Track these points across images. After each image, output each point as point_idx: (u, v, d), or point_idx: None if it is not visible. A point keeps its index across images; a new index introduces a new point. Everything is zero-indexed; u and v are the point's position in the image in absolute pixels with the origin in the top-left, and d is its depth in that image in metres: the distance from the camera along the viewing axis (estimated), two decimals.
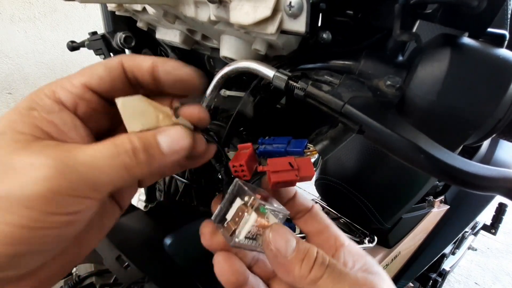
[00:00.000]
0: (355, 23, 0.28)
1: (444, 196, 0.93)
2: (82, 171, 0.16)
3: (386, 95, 0.24)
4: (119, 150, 0.17)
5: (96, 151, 0.16)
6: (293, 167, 0.25)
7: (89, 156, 0.16)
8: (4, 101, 1.67)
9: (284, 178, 0.25)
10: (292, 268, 0.21)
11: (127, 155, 0.17)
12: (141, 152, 0.17)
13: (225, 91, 0.40)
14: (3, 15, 1.56)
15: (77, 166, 0.16)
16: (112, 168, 0.16)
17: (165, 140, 0.19)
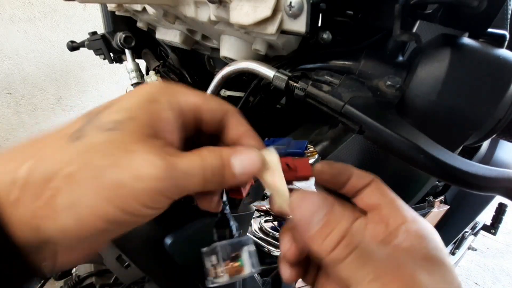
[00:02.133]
0: (355, 23, 0.28)
1: (444, 196, 0.93)
2: (180, 178, 0.18)
3: (386, 95, 0.24)
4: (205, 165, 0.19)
5: (191, 161, 0.19)
6: (290, 168, 0.25)
7: (187, 165, 0.19)
8: (4, 101, 1.67)
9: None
10: (315, 240, 0.20)
11: (210, 171, 0.19)
12: (219, 171, 0.20)
13: (225, 91, 0.40)
14: (3, 15, 1.56)
15: (178, 173, 0.18)
16: (198, 180, 0.19)
17: (239, 162, 0.20)
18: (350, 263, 0.18)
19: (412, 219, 0.21)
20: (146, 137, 0.18)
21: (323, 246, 0.19)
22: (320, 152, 0.30)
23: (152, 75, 0.45)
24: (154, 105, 0.19)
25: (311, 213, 0.20)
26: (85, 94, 1.96)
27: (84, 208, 0.16)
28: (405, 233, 0.20)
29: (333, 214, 0.20)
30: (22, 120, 1.74)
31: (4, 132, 1.70)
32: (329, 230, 0.19)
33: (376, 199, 0.22)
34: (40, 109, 1.79)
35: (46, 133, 0.19)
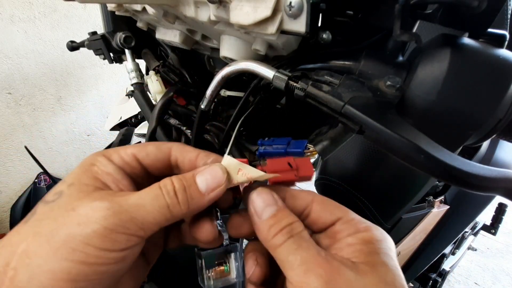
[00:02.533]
0: (355, 23, 0.28)
1: (444, 196, 0.93)
2: (132, 211, 0.19)
3: (386, 95, 0.24)
4: (163, 191, 0.20)
5: (143, 193, 0.20)
6: (292, 167, 0.25)
7: (138, 198, 0.20)
8: (4, 101, 1.67)
9: (283, 178, 0.25)
10: (262, 229, 0.22)
11: (169, 196, 0.20)
12: (181, 193, 0.21)
13: (225, 91, 0.40)
14: (3, 15, 1.56)
15: (128, 208, 0.19)
16: (156, 208, 0.20)
17: (202, 179, 0.22)
18: (284, 247, 0.21)
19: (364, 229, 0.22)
20: (90, 192, 0.19)
21: (267, 234, 0.21)
22: (320, 151, 0.30)
23: (152, 75, 0.45)
24: (92, 167, 0.21)
25: (264, 205, 0.22)
26: (85, 94, 1.96)
27: (43, 276, 0.16)
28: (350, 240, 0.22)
29: (281, 211, 0.22)
30: (22, 120, 1.74)
31: (4, 132, 1.70)
32: (274, 221, 0.22)
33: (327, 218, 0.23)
34: (40, 109, 1.79)
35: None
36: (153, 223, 0.20)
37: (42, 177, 1.85)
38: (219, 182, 0.22)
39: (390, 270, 0.20)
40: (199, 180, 0.22)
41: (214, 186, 0.22)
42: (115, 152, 0.23)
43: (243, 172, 0.24)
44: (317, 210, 0.24)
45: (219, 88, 0.30)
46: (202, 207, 0.22)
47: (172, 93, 0.38)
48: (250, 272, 0.24)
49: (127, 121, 1.63)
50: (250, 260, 0.24)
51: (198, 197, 0.21)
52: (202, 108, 0.32)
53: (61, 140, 1.93)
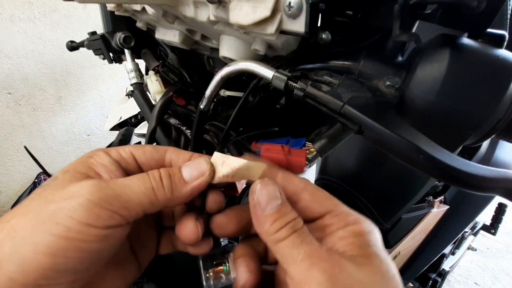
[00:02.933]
0: (355, 23, 0.28)
1: (443, 196, 0.93)
2: (117, 189, 0.20)
3: (386, 96, 0.24)
4: (149, 176, 0.22)
5: (130, 177, 0.21)
6: (283, 150, 0.25)
7: (125, 180, 0.21)
8: (4, 101, 1.67)
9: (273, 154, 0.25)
10: (264, 223, 0.22)
11: (155, 180, 0.21)
12: (166, 179, 0.22)
13: (224, 91, 0.40)
14: (3, 15, 1.55)
15: (113, 185, 0.20)
16: (141, 189, 0.21)
17: (187, 169, 0.23)
18: (287, 242, 0.20)
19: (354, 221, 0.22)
20: (82, 179, 0.20)
21: (270, 228, 0.21)
22: (318, 149, 0.30)
23: (152, 75, 0.45)
24: (89, 159, 0.22)
25: (269, 198, 0.22)
26: (85, 94, 1.96)
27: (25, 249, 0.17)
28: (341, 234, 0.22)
29: (285, 206, 0.22)
30: (22, 120, 1.74)
31: (4, 132, 1.70)
32: (278, 216, 0.21)
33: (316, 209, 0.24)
34: (40, 109, 1.79)
35: None
36: (137, 203, 0.20)
37: (42, 177, 1.85)
38: (202, 171, 0.23)
39: (383, 260, 0.20)
40: (184, 170, 0.23)
41: (197, 175, 0.23)
42: (114, 149, 0.24)
43: (227, 163, 0.24)
44: (307, 200, 0.24)
45: (219, 88, 0.30)
46: (186, 195, 0.23)
47: (171, 93, 0.38)
48: (242, 280, 0.23)
49: (127, 121, 1.63)
50: (241, 266, 0.24)
51: (182, 184, 0.22)
52: (202, 108, 0.32)
53: (61, 140, 1.93)
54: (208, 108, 0.32)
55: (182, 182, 0.23)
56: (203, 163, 0.23)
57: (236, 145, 0.36)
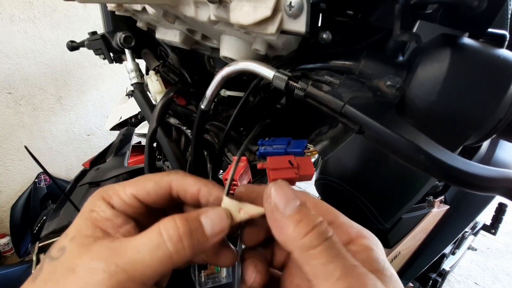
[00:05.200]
0: (355, 23, 0.28)
1: (444, 196, 0.93)
2: (129, 269, 0.18)
3: (386, 95, 0.24)
4: (164, 237, 0.19)
5: (142, 244, 0.19)
6: (292, 165, 0.25)
7: (136, 252, 0.18)
8: (4, 101, 1.67)
9: (284, 175, 0.24)
10: (286, 226, 0.19)
11: (172, 243, 0.19)
12: (186, 237, 0.19)
13: (225, 91, 0.40)
14: (3, 15, 1.55)
15: (124, 266, 0.18)
16: (156, 260, 0.18)
17: (208, 222, 0.20)
18: (319, 253, 0.18)
19: (356, 234, 0.21)
20: (90, 244, 0.19)
21: (295, 232, 0.19)
22: (320, 151, 0.30)
23: (152, 75, 0.45)
24: (92, 213, 0.21)
25: (287, 199, 0.20)
26: (85, 94, 1.96)
27: None
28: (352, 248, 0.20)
29: (305, 207, 0.20)
30: (22, 120, 1.74)
31: (4, 132, 1.70)
32: (301, 217, 0.19)
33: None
34: (40, 109, 1.79)
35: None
36: (154, 276, 0.19)
37: (42, 177, 1.85)
38: (224, 226, 0.21)
39: (395, 277, 0.20)
40: (205, 222, 0.20)
41: (219, 229, 0.21)
42: (115, 194, 0.22)
43: (244, 211, 0.23)
44: None
45: (219, 88, 0.30)
46: (205, 251, 0.21)
47: (172, 94, 0.38)
48: (250, 280, 0.22)
49: (127, 121, 1.63)
50: (250, 267, 0.23)
51: (204, 241, 0.20)
52: (202, 108, 0.32)
53: (61, 140, 1.93)
54: (209, 108, 0.32)
55: (205, 238, 0.20)
56: (224, 216, 0.21)
57: (237, 145, 0.36)
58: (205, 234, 0.20)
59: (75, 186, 0.89)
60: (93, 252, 0.19)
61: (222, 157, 0.38)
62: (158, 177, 0.23)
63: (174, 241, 0.19)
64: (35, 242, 0.58)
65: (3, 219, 1.79)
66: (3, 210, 1.79)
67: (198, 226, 0.20)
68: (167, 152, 0.42)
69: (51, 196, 1.83)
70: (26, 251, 1.73)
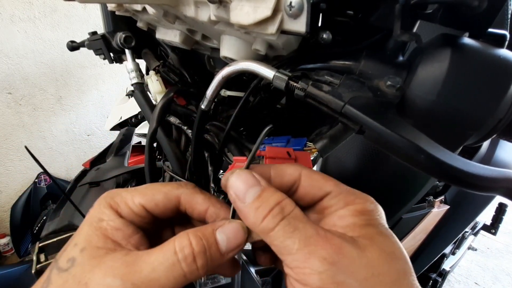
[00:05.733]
0: (355, 23, 0.28)
1: (444, 196, 0.93)
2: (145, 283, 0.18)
3: (387, 95, 0.24)
4: (179, 257, 0.19)
5: (156, 262, 0.18)
6: (290, 156, 0.25)
7: (151, 271, 0.18)
8: (4, 101, 1.67)
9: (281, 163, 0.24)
10: (248, 214, 0.20)
11: (186, 263, 0.19)
12: (200, 256, 0.19)
13: (225, 91, 0.40)
14: (3, 15, 1.56)
15: (141, 286, 0.18)
16: (171, 280, 0.18)
17: (223, 238, 0.20)
18: (278, 231, 0.19)
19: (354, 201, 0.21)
20: (102, 257, 0.19)
21: (255, 219, 0.19)
22: (320, 149, 0.30)
23: (152, 75, 0.45)
24: (101, 223, 0.20)
25: (245, 188, 0.20)
26: (85, 94, 1.96)
27: None
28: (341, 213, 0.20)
29: (266, 191, 0.20)
30: (22, 120, 1.74)
31: (4, 132, 1.70)
32: (260, 203, 0.20)
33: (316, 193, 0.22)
34: (40, 109, 1.79)
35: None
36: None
37: (42, 177, 1.85)
38: (240, 242, 0.21)
39: (389, 240, 0.19)
40: (220, 238, 0.20)
41: (234, 246, 0.21)
42: (122, 202, 0.21)
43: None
44: (305, 185, 0.22)
45: (220, 88, 0.30)
46: (218, 266, 0.21)
47: (172, 94, 0.38)
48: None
49: (127, 121, 1.63)
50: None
51: (218, 259, 0.20)
52: (203, 108, 0.32)
53: (61, 140, 1.93)
54: (209, 108, 0.32)
55: (219, 255, 0.20)
56: (241, 232, 0.21)
57: (237, 145, 0.36)
58: (219, 251, 0.20)
59: (75, 186, 0.89)
60: (107, 267, 0.18)
61: (222, 157, 0.38)
62: (168, 189, 0.23)
63: (189, 262, 0.19)
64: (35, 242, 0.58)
65: (3, 219, 1.79)
66: (3, 210, 1.79)
67: (213, 244, 0.20)
68: (167, 152, 0.42)
69: (51, 196, 1.83)
70: (26, 251, 1.73)
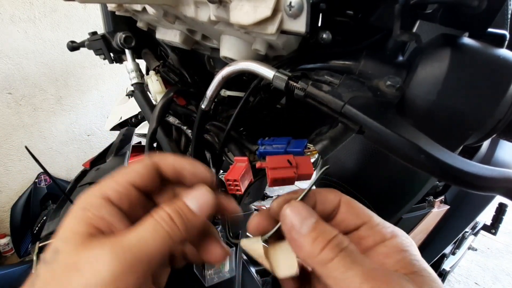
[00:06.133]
0: (355, 23, 0.28)
1: (444, 196, 0.93)
2: (135, 250, 0.18)
3: (386, 95, 0.24)
4: (160, 222, 0.20)
5: (141, 229, 0.20)
6: (291, 165, 0.25)
7: (137, 235, 0.19)
8: (4, 101, 1.67)
9: (282, 175, 0.25)
10: (303, 244, 0.21)
11: (167, 224, 0.20)
12: (177, 218, 0.21)
13: (225, 91, 0.40)
14: (3, 15, 1.56)
15: (130, 247, 0.18)
16: (158, 240, 0.19)
17: (193, 201, 0.22)
18: (338, 263, 0.19)
19: (391, 235, 0.22)
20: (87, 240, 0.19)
21: (312, 249, 0.20)
22: (320, 151, 0.30)
23: (152, 75, 0.45)
24: (85, 212, 0.20)
25: (301, 219, 0.21)
26: (85, 94, 1.96)
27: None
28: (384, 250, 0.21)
29: (320, 223, 0.21)
30: (22, 120, 1.74)
31: (4, 132, 1.70)
32: (317, 234, 0.20)
33: (351, 221, 0.23)
34: (40, 109, 1.79)
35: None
36: (158, 255, 0.19)
37: (42, 177, 1.85)
38: (208, 200, 0.23)
39: (433, 276, 0.20)
40: (190, 203, 0.22)
41: (204, 205, 0.22)
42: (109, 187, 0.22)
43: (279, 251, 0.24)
44: (343, 212, 0.23)
45: (220, 88, 0.30)
46: (199, 227, 0.22)
47: (172, 94, 0.38)
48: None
49: (127, 121, 1.63)
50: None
51: (193, 218, 0.22)
52: (203, 108, 0.32)
53: (61, 140, 1.93)
54: (209, 108, 0.32)
55: (193, 216, 0.22)
56: (206, 192, 0.23)
57: (238, 145, 0.36)
58: (192, 212, 0.22)
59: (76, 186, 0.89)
60: (92, 245, 0.18)
61: (222, 157, 0.38)
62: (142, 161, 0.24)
63: (168, 222, 0.20)
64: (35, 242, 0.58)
65: (3, 219, 1.79)
66: (3, 210, 1.79)
67: (185, 208, 0.22)
68: (167, 152, 0.42)
69: (51, 196, 1.83)
70: (26, 251, 1.73)
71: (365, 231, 0.22)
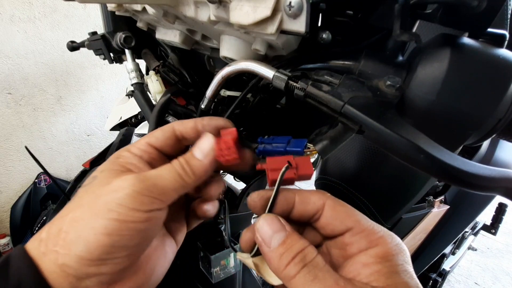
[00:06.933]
0: (355, 23, 0.28)
1: (444, 196, 0.93)
2: (154, 179, 0.23)
3: (386, 95, 0.24)
4: (174, 166, 0.24)
5: (160, 168, 0.24)
6: (291, 165, 0.25)
7: (156, 171, 0.24)
8: (4, 101, 1.67)
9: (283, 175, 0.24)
10: (272, 259, 0.21)
11: (179, 168, 0.24)
12: (186, 164, 0.25)
13: (225, 91, 0.40)
14: (3, 15, 1.56)
15: (150, 177, 0.23)
16: (172, 176, 0.24)
17: (197, 150, 0.26)
18: (299, 279, 0.20)
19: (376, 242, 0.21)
20: (118, 174, 0.23)
21: (279, 264, 0.21)
22: (320, 151, 0.30)
23: (152, 75, 0.45)
24: (118, 159, 0.25)
25: (272, 233, 0.22)
26: (85, 94, 1.96)
27: (87, 233, 0.20)
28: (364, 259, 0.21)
29: (290, 237, 0.22)
30: (22, 120, 1.74)
31: (4, 132, 1.70)
32: (284, 249, 0.21)
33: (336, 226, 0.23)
34: (40, 109, 1.79)
35: None
36: (171, 188, 0.23)
37: (42, 177, 1.85)
38: (209, 145, 0.26)
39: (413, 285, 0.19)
40: (196, 153, 0.26)
41: (207, 150, 0.26)
42: (133, 146, 0.27)
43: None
44: (328, 216, 0.23)
45: (219, 88, 0.30)
46: (207, 170, 0.25)
47: (169, 95, 0.39)
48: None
49: (127, 121, 1.63)
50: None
51: (199, 164, 0.25)
52: (202, 108, 0.32)
53: (61, 140, 1.93)
54: (209, 108, 0.32)
55: (198, 162, 0.25)
56: (206, 139, 0.26)
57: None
58: (197, 159, 0.25)
59: (75, 186, 0.89)
60: (123, 175, 0.23)
61: None
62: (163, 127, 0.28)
63: (180, 167, 0.24)
64: None
65: (3, 219, 1.79)
66: (3, 210, 1.79)
67: (191, 156, 0.25)
68: None
69: (51, 196, 1.83)
70: None
71: (349, 237, 0.22)
